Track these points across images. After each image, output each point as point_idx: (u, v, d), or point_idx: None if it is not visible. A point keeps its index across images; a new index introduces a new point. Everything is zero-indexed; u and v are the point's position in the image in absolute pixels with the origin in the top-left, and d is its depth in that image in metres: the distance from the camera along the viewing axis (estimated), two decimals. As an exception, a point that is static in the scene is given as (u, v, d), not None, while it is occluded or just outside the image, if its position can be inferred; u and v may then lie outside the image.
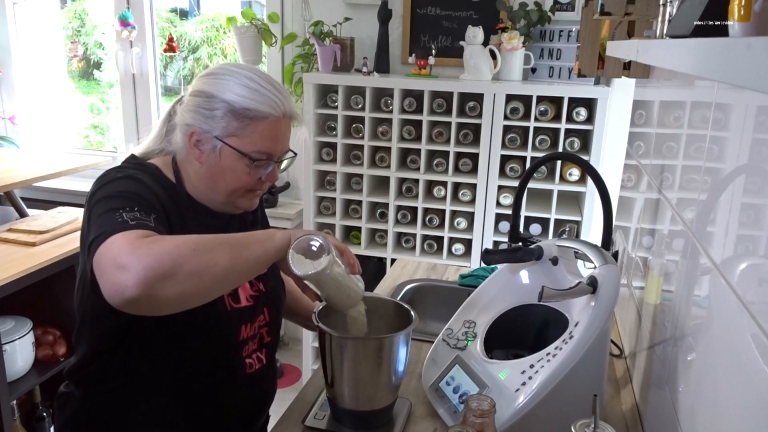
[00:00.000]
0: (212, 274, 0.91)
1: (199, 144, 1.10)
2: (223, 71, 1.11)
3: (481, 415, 0.92)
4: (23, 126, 3.42)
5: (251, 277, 1.04)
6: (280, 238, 0.99)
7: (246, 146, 1.09)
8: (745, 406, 0.66)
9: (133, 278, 0.85)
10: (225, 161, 1.10)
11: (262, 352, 1.22)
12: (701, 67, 0.51)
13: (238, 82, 1.09)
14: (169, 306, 0.91)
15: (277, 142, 1.12)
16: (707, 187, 0.88)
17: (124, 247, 0.88)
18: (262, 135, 1.09)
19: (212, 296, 0.95)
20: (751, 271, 0.67)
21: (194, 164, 1.12)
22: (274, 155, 1.12)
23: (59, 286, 2.18)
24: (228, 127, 1.08)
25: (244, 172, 1.10)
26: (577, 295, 1.07)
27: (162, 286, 0.86)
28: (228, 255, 0.93)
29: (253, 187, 1.14)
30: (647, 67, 1.45)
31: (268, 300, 1.22)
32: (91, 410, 1.16)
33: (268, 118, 1.09)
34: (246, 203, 1.17)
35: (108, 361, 1.13)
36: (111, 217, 0.95)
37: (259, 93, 1.08)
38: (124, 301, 0.86)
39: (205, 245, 0.92)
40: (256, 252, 0.97)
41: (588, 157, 2.29)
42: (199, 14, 3.80)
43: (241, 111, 1.07)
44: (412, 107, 2.47)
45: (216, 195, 1.14)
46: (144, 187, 1.05)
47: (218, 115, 1.08)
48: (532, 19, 2.41)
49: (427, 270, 1.93)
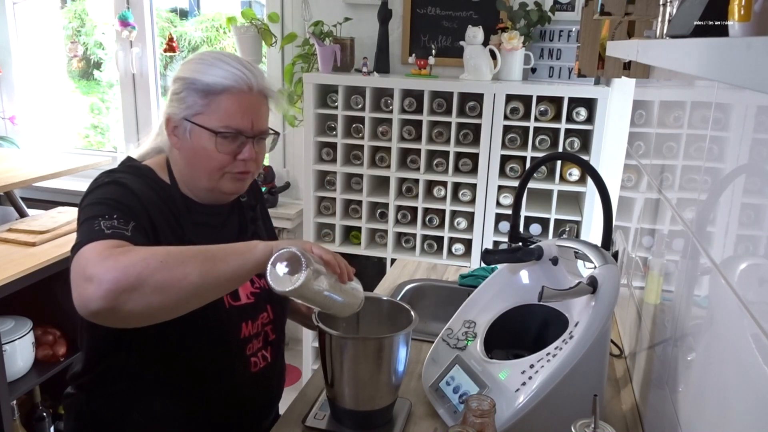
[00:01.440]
0: (180, 288, 0.88)
1: (176, 131, 1.11)
2: (194, 57, 1.13)
3: (481, 415, 0.92)
4: (23, 126, 3.42)
5: (230, 289, 1.01)
6: (261, 250, 0.95)
7: (211, 122, 1.08)
8: (745, 406, 0.66)
9: (97, 290, 0.84)
10: (196, 141, 1.09)
11: (268, 350, 1.21)
12: (701, 67, 0.51)
13: (202, 61, 1.10)
14: (135, 319, 0.89)
15: (244, 116, 1.09)
16: (707, 187, 0.88)
17: (93, 258, 0.87)
18: (227, 109, 1.08)
19: (185, 309, 0.92)
20: (751, 271, 0.67)
21: (175, 153, 1.13)
22: (243, 131, 1.10)
23: (59, 286, 2.17)
24: (194, 106, 1.08)
25: (216, 150, 1.09)
26: (577, 295, 1.07)
27: (126, 298, 0.85)
28: (200, 268, 0.90)
29: (231, 168, 1.12)
30: (647, 67, 1.45)
31: (271, 297, 1.21)
32: (97, 412, 1.17)
33: (230, 90, 1.08)
34: (230, 186, 1.14)
35: (110, 364, 1.13)
36: (89, 226, 0.95)
37: (220, 68, 1.08)
38: (89, 313, 0.85)
39: (176, 257, 0.90)
40: (233, 265, 0.93)
41: (588, 157, 2.29)
42: (199, 14, 3.81)
43: (203, 87, 1.08)
44: (412, 107, 2.47)
45: (199, 182, 1.13)
46: (129, 193, 1.04)
47: (184, 96, 1.09)
48: (532, 19, 2.41)
49: (427, 270, 1.93)
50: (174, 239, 1.08)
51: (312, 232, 2.68)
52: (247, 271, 0.94)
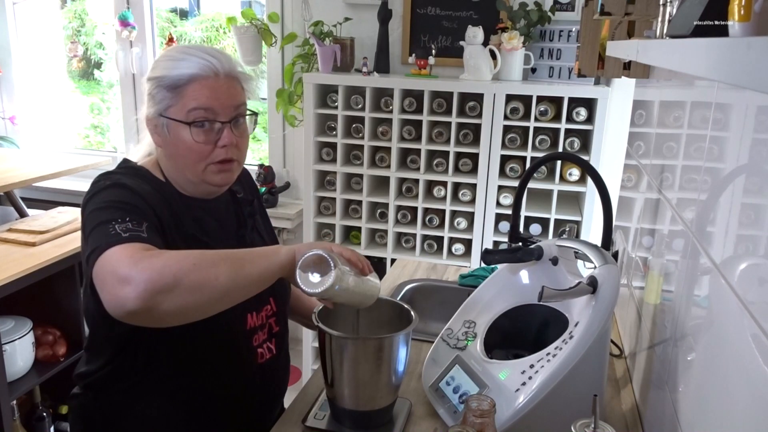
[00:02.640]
0: (213, 288, 0.92)
1: (156, 129, 1.12)
2: (161, 55, 1.15)
3: (481, 415, 0.92)
4: (23, 126, 3.42)
5: (255, 292, 1.03)
6: (285, 254, 1.00)
7: (182, 113, 1.09)
8: (745, 406, 0.66)
9: (134, 291, 0.86)
10: (173, 136, 1.11)
11: (272, 342, 1.23)
12: (701, 67, 0.51)
13: (168, 58, 1.11)
14: (170, 319, 0.92)
15: (213, 100, 1.09)
16: (707, 187, 0.88)
17: (125, 260, 0.89)
18: (195, 97, 1.09)
19: (214, 310, 0.96)
20: (751, 271, 0.67)
21: (161, 152, 1.15)
22: (214, 114, 1.10)
23: (59, 286, 2.18)
24: (164, 100, 1.10)
25: (192, 140, 1.09)
26: (577, 295, 1.07)
27: (162, 299, 0.88)
28: (230, 270, 0.94)
29: (213, 157, 1.11)
30: (647, 67, 1.45)
31: (273, 290, 1.21)
32: (106, 411, 1.17)
33: (196, 78, 1.08)
34: (216, 178, 1.14)
35: (118, 362, 1.14)
36: (104, 230, 0.96)
37: (182, 60, 1.09)
38: (125, 313, 0.88)
39: (207, 259, 0.94)
40: (259, 268, 0.98)
41: (588, 157, 2.29)
42: (199, 14, 3.80)
43: (168, 82, 1.09)
44: (412, 107, 2.47)
45: (186, 176, 1.14)
46: (132, 194, 1.05)
47: (155, 94, 1.10)
48: (532, 19, 2.41)
49: (427, 270, 1.93)
50: (178, 234, 1.09)
51: (312, 232, 2.68)
52: (273, 273, 0.99)
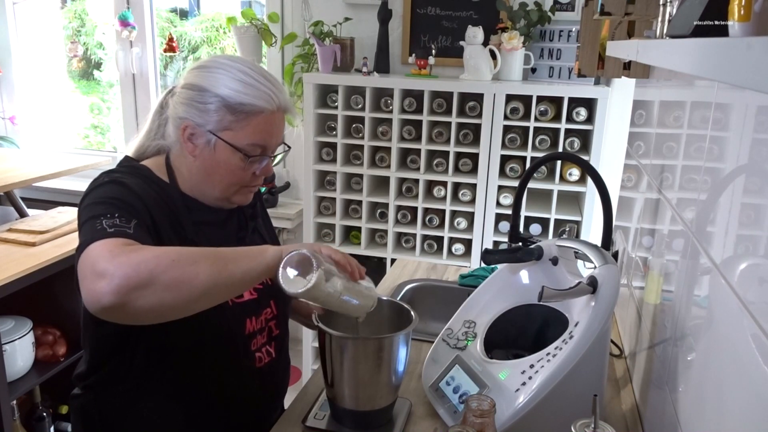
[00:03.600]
0: (191, 287, 0.89)
1: (193, 138, 1.10)
2: (216, 64, 1.11)
3: (481, 415, 0.91)
4: (23, 126, 3.42)
5: (239, 291, 1.02)
6: (272, 254, 0.96)
7: (241, 141, 1.08)
8: (745, 406, 0.66)
9: (108, 285, 0.84)
10: (219, 155, 1.09)
11: (272, 345, 1.22)
12: (701, 67, 0.51)
13: (231, 75, 1.08)
14: (146, 316, 0.89)
15: (272, 136, 1.11)
16: (707, 187, 0.88)
17: (103, 255, 0.88)
18: (257, 129, 1.08)
19: (194, 309, 0.93)
20: (751, 271, 0.67)
21: (188, 158, 1.12)
22: (268, 149, 1.12)
23: (59, 286, 2.18)
24: (222, 121, 1.07)
25: (239, 167, 1.10)
26: (577, 295, 1.07)
27: (138, 295, 0.85)
28: (211, 268, 0.91)
29: (248, 182, 1.14)
30: (647, 67, 1.45)
31: (274, 293, 1.21)
32: (105, 412, 1.17)
33: (264, 112, 1.08)
34: (241, 198, 1.16)
35: (116, 363, 1.13)
36: (92, 225, 0.95)
37: (253, 87, 1.07)
38: (100, 308, 0.86)
39: (187, 257, 0.90)
40: (243, 267, 0.94)
41: (588, 157, 2.29)
42: (199, 14, 3.80)
43: (236, 106, 1.07)
44: (412, 107, 2.47)
45: (211, 189, 1.13)
46: (128, 191, 1.04)
47: (212, 109, 1.07)
48: (532, 19, 2.41)
49: (427, 270, 1.93)
50: (175, 237, 1.08)
51: (312, 232, 2.68)
52: (258, 273, 0.95)
